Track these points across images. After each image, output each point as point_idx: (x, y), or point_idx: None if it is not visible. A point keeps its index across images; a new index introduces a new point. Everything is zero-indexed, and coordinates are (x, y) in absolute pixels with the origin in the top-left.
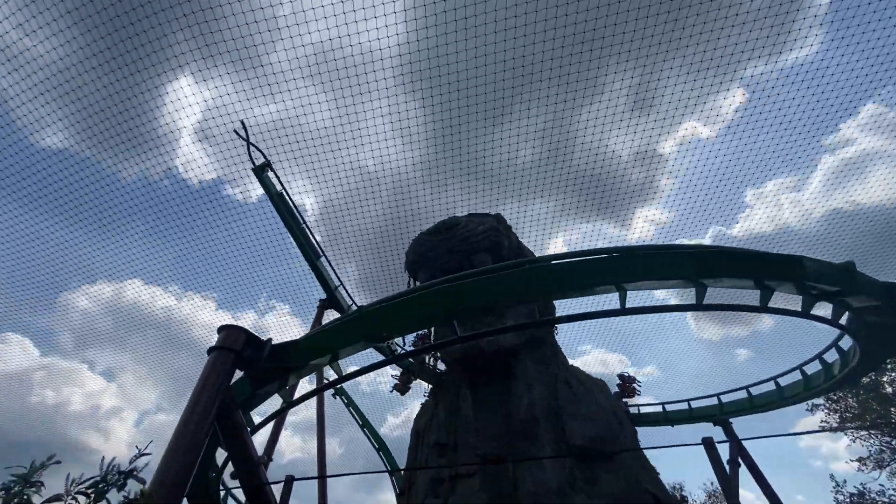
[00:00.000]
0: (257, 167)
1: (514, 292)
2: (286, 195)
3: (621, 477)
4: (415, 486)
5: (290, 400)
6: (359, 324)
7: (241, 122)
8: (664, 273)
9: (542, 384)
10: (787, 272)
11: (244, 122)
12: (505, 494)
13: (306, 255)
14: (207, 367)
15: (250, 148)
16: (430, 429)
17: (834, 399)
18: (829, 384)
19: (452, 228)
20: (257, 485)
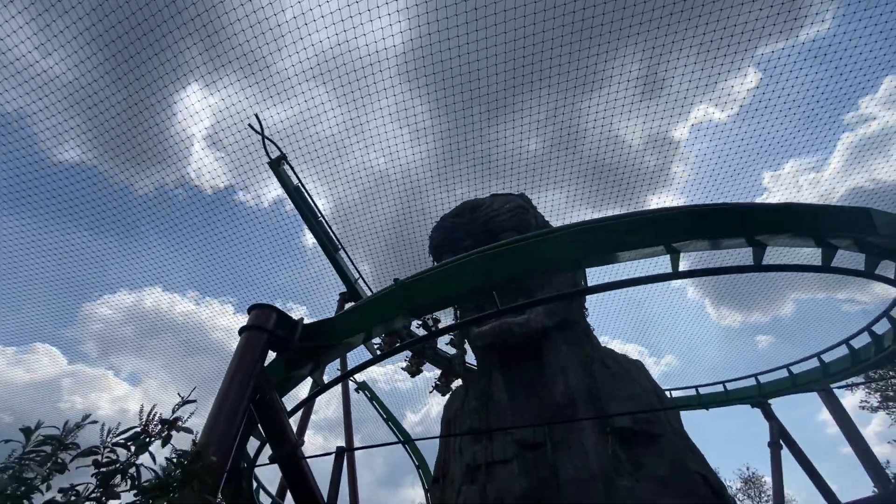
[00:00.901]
0: (273, 160)
1: (560, 257)
2: (303, 188)
3: (667, 458)
4: (450, 473)
5: (324, 384)
6: (397, 296)
7: (256, 116)
8: (715, 231)
9: (576, 365)
10: (851, 227)
11: (258, 115)
12: (544, 480)
13: (325, 249)
14: (240, 347)
15: (265, 142)
16: (462, 416)
17: (875, 378)
18: (879, 358)
19: (476, 209)
20: (297, 466)
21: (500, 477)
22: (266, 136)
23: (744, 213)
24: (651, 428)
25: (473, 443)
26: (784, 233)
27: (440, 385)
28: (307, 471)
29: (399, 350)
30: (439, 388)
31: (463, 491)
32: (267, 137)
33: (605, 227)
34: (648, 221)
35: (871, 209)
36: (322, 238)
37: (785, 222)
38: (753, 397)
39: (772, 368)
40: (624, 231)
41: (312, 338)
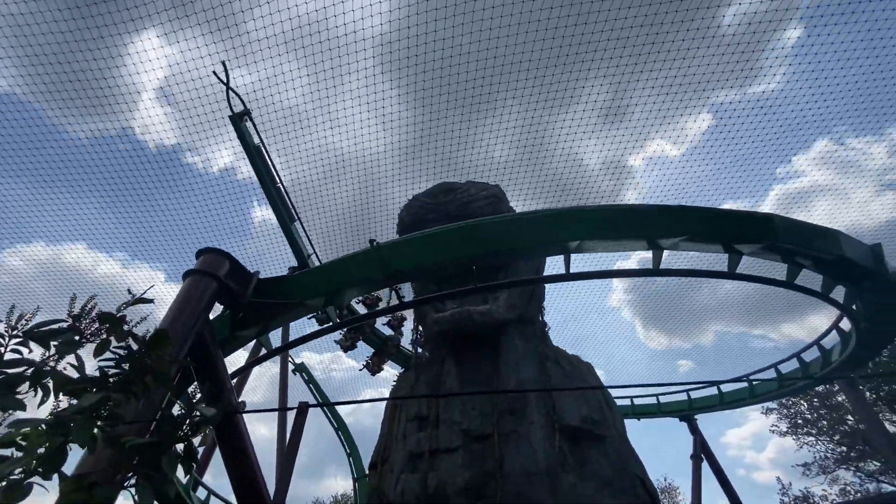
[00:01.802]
0: (235, 115)
1: (546, 239)
2: (264, 148)
3: (610, 459)
4: (390, 460)
5: (271, 349)
6: (371, 258)
7: (223, 64)
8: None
9: (531, 361)
10: (755, 232)
11: (226, 63)
12: (489, 472)
13: (280, 218)
14: (183, 292)
15: (229, 93)
16: (410, 401)
17: (787, 405)
18: (805, 383)
19: (452, 192)
20: (237, 432)
21: (444, 466)
22: (231, 87)
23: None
24: (598, 429)
25: (418, 429)
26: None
27: (371, 364)
28: (247, 438)
29: (365, 318)
30: (370, 367)
31: (402, 479)
32: (232, 89)
33: (597, 214)
34: (639, 214)
35: (775, 215)
36: (278, 205)
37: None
38: (683, 411)
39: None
40: (614, 221)
41: (267, 295)
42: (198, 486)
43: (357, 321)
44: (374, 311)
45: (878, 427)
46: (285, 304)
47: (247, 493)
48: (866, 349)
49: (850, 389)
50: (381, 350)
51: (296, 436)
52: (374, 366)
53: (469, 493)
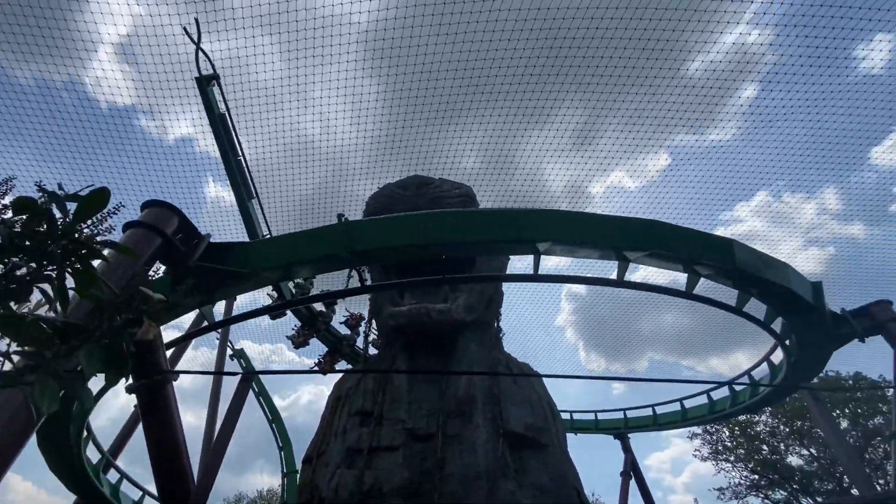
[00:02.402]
0: (203, 77)
1: (508, 235)
2: (228, 117)
3: (550, 469)
4: (326, 454)
5: (213, 322)
6: (338, 234)
7: (196, 21)
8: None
9: (483, 365)
10: (715, 255)
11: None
12: (428, 473)
13: (237, 193)
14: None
15: (199, 53)
16: (356, 394)
17: (710, 431)
18: (736, 409)
19: (425, 186)
20: (164, 402)
21: (382, 465)
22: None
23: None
24: (542, 438)
25: (360, 425)
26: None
27: (324, 363)
28: (175, 411)
29: (323, 298)
30: (321, 366)
31: (338, 474)
32: (202, 49)
33: (568, 219)
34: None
35: (735, 241)
36: (237, 178)
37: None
38: (618, 429)
39: (640, 406)
40: (584, 227)
41: (218, 262)
42: (109, 468)
43: (314, 300)
44: (335, 292)
45: (840, 440)
46: (237, 273)
47: (169, 473)
48: (792, 381)
49: (814, 402)
50: (335, 349)
51: (235, 411)
52: (327, 365)
53: (406, 493)
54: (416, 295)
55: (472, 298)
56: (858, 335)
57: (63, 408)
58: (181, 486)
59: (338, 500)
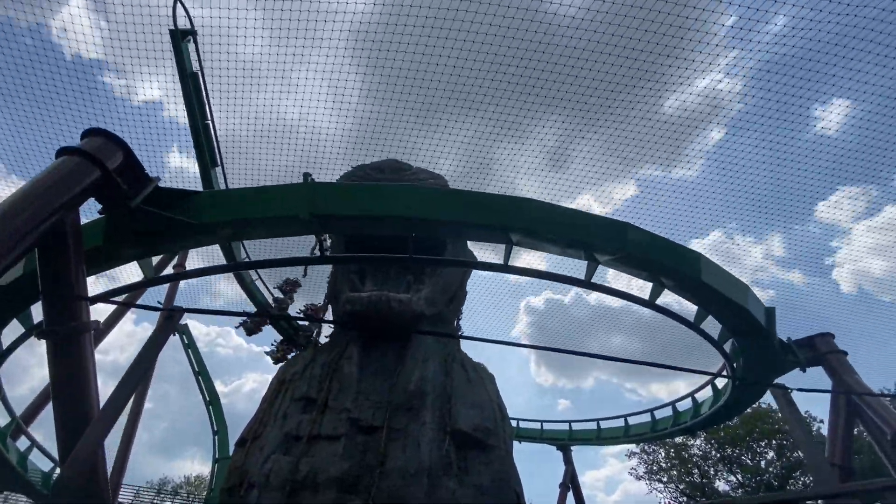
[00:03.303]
0: (178, 31)
1: (478, 219)
2: (201, 77)
3: (493, 471)
4: (262, 437)
5: (151, 276)
6: (301, 194)
7: None
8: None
9: (437, 361)
10: (682, 267)
11: None
12: (368, 466)
13: (201, 159)
14: (50, 169)
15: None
16: (301, 380)
17: (648, 451)
18: (677, 429)
19: (400, 171)
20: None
21: (321, 454)
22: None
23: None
24: (488, 439)
25: (302, 411)
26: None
27: (276, 352)
28: (92, 365)
29: (282, 263)
30: (274, 354)
31: (272, 459)
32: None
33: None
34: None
35: (703, 256)
36: (202, 142)
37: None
38: (562, 440)
39: (585, 419)
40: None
41: (164, 209)
42: (19, 434)
43: (268, 266)
44: (301, 258)
45: (811, 443)
46: (183, 223)
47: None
48: (731, 408)
49: (787, 405)
50: (290, 339)
51: (152, 347)
52: (280, 353)
53: (342, 485)
54: (377, 283)
55: (434, 292)
56: (801, 364)
57: None
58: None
59: (268, 486)
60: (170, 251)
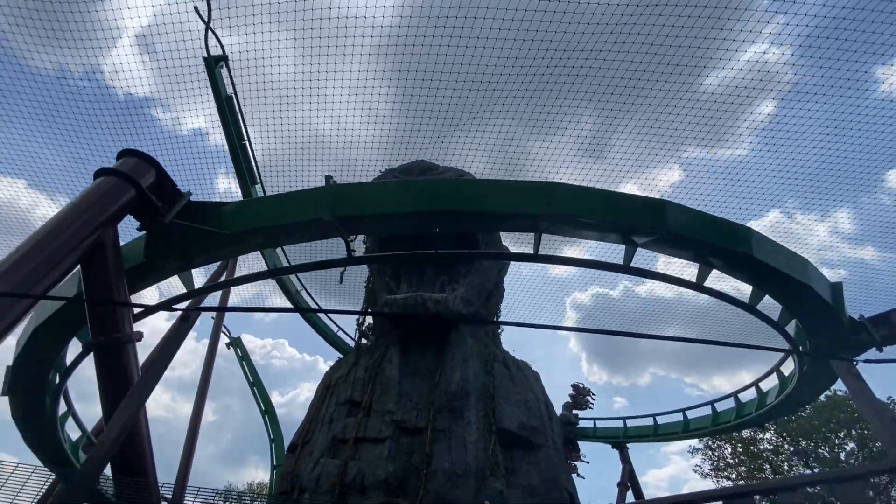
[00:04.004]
0: (211, 58)
1: (506, 206)
2: (236, 100)
3: (543, 470)
4: (311, 442)
5: (193, 289)
6: (324, 196)
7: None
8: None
9: (478, 360)
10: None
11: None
12: (414, 468)
13: (240, 176)
14: (89, 191)
15: (208, 33)
16: (345, 384)
17: (712, 447)
18: (741, 422)
19: (427, 172)
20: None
21: (367, 456)
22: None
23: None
24: (535, 437)
25: (348, 414)
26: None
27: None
28: (135, 370)
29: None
30: None
31: (321, 463)
32: (211, 29)
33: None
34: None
35: (753, 231)
36: (240, 162)
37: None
38: (618, 438)
39: (640, 415)
40: (590, 204)
41: (197, 222)
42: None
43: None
44: (327, 261)
45: (882, 416)
46: (218, 235)
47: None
48: (800, 396)
49: (853, 380)
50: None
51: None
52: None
53: (389, 488)
54: (412, 285)
55: (470, 292)
56: (876, 343)
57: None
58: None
59: (318, 489)
60: (207, 262)
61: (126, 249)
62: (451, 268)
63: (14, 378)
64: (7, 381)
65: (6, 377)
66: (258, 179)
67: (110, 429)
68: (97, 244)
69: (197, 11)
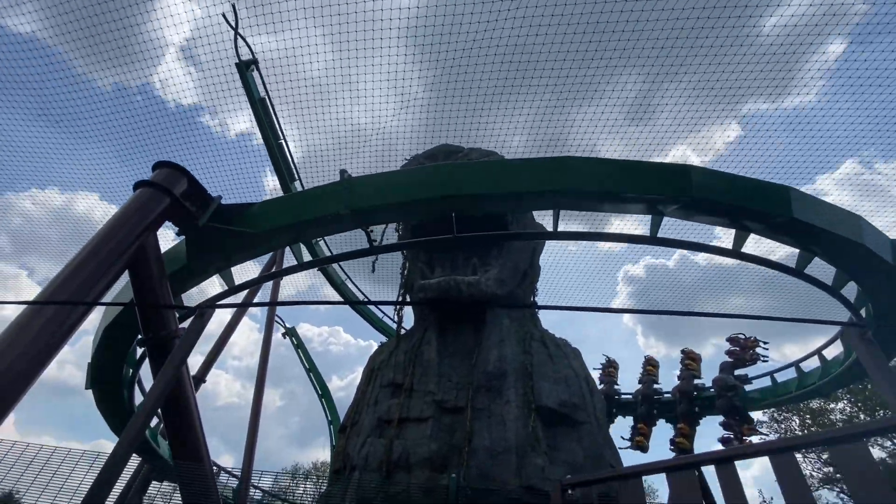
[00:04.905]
0: (242, 63)
1: (522, 186)
2: (269, 101)
3: (584, 446)
4: (359, 423)
5: (234, 284)
6: (341, 190)
7: (233, 7)
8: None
9: (515, 340)
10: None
11: (235, 6)
12: (456, 446)
13: (280, 177)
14: (130, 203)
15: (237, 39)
16: (387, 367)
17: (778, 419)
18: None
19: (452, 155)
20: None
21: (411, 435)
22: (240, 32)
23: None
24: (576, 414)
25: (391, 396)
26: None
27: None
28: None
29: (350, 257)
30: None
31: (368, 443)
32: (240, 34)
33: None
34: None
35: (792, 189)
36: (278, 161)
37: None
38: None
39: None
40: (610, 176)
41: (229, 222)
42: None
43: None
44: (352, 251)
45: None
46: (249, 234)
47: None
48: None
49: (863, 343)
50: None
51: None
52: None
53: (433, 464)
54: (445, 269)
55: (504, 272)
56: None
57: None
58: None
59: (367, 467)
60: (243, 261)
61: (170, 254)
62: (483, 250)
63: (93, 373)
64: (88, 376)
65: (88, 373)
66: (296, 176)
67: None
68: (140, 250)
69: (225, 18)
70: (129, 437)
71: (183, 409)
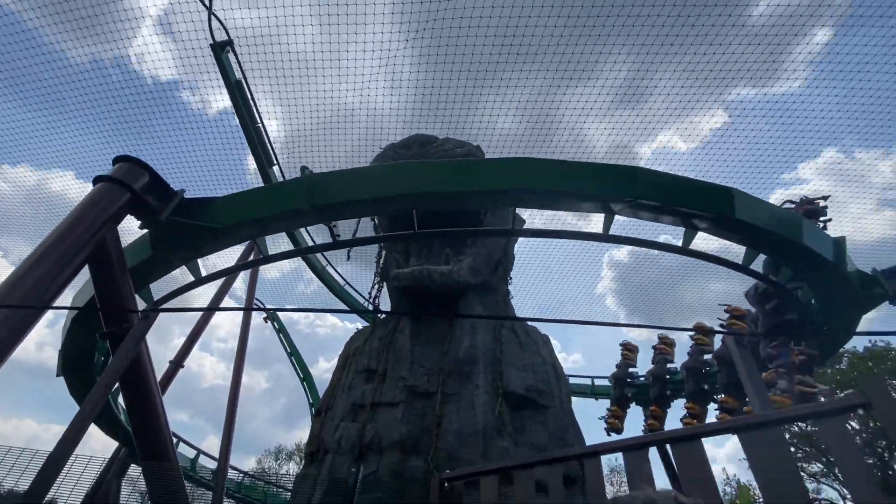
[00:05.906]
0: (216, 44)
1: (484, 185)
2: (245, 84)
3: (549, 429)
4: (333, 408)
5: (200, 276)
6: (302, 187)
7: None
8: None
9: (486, 328)
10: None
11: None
12: (426, 429)
13: (258, 159)
14: (89, 198)
15: (212, 19)
16: (362, 353)
17: None
18: None
19: (427, 145)
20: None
21: (383, 420)
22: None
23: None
24: (542, 399)
25: (364, 382)
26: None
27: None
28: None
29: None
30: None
31: (342, 427)
32: (215, 14)
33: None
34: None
35: (735, 190)
36: (256, 145)
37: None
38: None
39: None
40: (567, 175)
41: (193, 218)
42: None
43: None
44: (342, 241)
45: (755, 382)
46: (209, 228)
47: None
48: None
49: (735, 346)
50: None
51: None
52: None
53: (404, 447)
54: (420, 258)
55: (477, 261)
56: (889, 297)
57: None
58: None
59: (340, 451)
60: (209, 253)
61: (134, 246)
62: (457, 240)
63: (64, 362)
64: (59, 364)
65: (59, 361)
66: (274, 161)
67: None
68: (100, 245)
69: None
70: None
71: (145, 397)
